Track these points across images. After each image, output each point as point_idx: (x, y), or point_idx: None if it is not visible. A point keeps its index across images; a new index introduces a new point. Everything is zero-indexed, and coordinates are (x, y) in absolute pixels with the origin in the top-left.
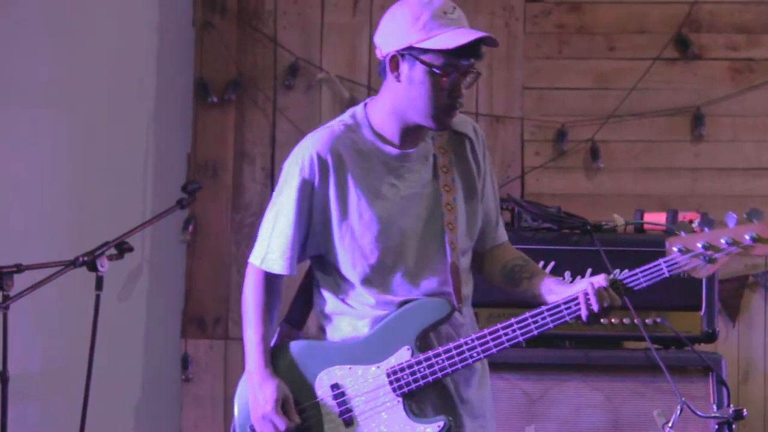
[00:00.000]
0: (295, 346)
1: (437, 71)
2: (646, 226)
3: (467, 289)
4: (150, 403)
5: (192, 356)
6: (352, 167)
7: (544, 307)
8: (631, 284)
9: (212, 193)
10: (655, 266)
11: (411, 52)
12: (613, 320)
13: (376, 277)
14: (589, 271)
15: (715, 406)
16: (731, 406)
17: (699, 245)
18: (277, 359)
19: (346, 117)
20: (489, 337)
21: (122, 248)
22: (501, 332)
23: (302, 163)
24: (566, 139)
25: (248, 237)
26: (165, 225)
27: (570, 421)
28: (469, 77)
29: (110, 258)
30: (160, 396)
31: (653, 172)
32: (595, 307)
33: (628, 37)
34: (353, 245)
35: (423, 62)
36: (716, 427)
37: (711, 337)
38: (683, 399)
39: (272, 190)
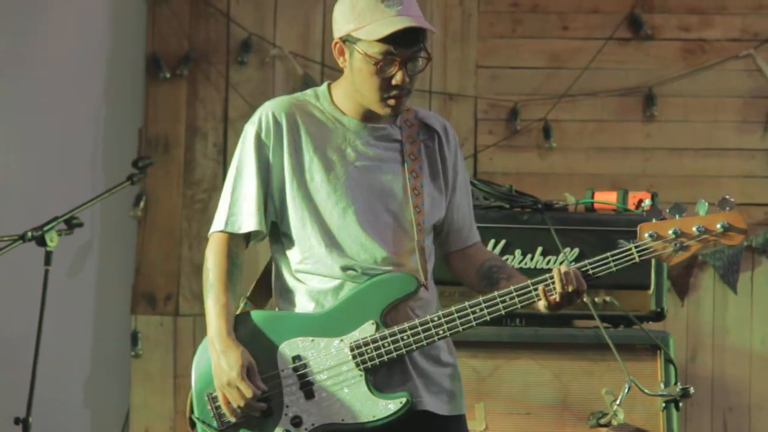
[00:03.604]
0: (257, 316)
1: (371, 59)
2: (596, 206)
3: (430, 267)
4: (99, 379)
5: (142, 332)
6: (308, 130)
7: (512, 287)
8: (601, 268)
9: (164, 169)
10: (626, 251)
11: (349, 40)
12: None
13: (326, 238)
14: (540, 249)
15: (662, 384)
16: (678, 384)
17: (670, 232)
18: (238, 328)
19: (308, 91)
20: (456, 315)
21: (72, 223)
22: (468, 310)
23: (258, 123)
24: (519, 118)
25: (200, 213)
26: (115, 200)
27: (519, 399)
28: (410, 64)
29: (60, 233)
30: (109, 372)
31: (605, 152)
32: (559, 288)
33: (582, 16)
34: (303, 204)
35: (358, 51)
36: (663, 404)
37: (659, 315)
38: (631, 377)
39: (224, 166)
